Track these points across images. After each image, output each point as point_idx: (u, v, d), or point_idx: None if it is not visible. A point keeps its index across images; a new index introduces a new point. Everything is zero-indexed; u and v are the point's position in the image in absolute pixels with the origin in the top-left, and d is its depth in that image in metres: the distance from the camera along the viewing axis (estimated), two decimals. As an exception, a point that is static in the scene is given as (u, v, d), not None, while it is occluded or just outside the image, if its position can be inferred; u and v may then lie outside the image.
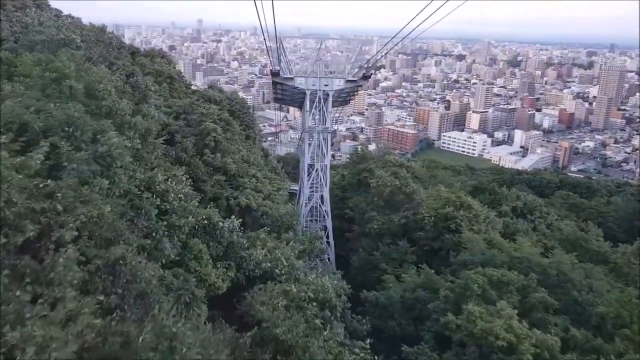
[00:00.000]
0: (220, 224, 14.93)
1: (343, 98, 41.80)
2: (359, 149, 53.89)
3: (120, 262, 9.37)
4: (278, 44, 34.62)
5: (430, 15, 19.37)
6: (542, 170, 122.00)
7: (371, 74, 35.56)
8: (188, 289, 12.25)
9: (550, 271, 22.11)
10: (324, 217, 38.34)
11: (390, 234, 35.34)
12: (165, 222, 12.77)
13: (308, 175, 38.00)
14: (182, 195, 14.25)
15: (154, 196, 13.22)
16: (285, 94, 40.33)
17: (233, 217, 15.80)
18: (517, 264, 22.83)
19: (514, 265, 22.97)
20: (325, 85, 35.58)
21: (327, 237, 37.96)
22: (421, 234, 33.03)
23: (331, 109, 36.85)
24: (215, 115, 29.07)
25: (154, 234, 12.08)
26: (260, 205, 25.35)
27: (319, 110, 36.52)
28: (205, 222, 14.45)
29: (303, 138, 39.02)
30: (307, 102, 36.14)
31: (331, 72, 39.12)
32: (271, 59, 36.17)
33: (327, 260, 37.32)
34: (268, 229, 21.41)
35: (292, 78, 35.86)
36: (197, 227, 14.17)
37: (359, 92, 41.67)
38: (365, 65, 35.66)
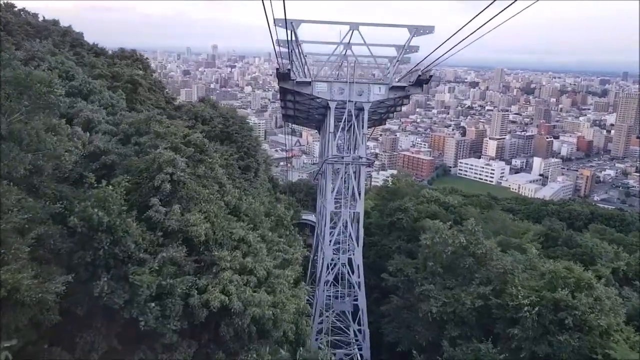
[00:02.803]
0: None
1: (379, 115, 30.12)
2: (390, 182, 42.50)
3: None
4: (289, 33, 22.89)
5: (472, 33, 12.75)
6: (569, 200, 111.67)
7: (430, 76, 23.64)
8: None
9: None
10: (354, 287, 25.95)
11: (458, 322, 23.08)
12: None
13: (331, 223, 25.97)
14: None
15: None
16: (299, 107, 28.57)
17: None
18: None
19: None
20: (359, 94, 23.85)
21: (360, 323, 25.61)
22: (514, 330, 20.67)
23: (366, 129, 25.05)
24: (179, 137, 17.14)
25: None
26: (248, 304, 13.37)
27: (348, 131, 24.83)
28: None
29: (323, 172, 26.85)
30: (331, 119, 24.43)
31: None
32: (279, 58, 24.31)
33: None
34: None
35: (309, 83, 24.10)
36: None
37: (404, 105, 29.80)
38: (421, 67, 23.65)
